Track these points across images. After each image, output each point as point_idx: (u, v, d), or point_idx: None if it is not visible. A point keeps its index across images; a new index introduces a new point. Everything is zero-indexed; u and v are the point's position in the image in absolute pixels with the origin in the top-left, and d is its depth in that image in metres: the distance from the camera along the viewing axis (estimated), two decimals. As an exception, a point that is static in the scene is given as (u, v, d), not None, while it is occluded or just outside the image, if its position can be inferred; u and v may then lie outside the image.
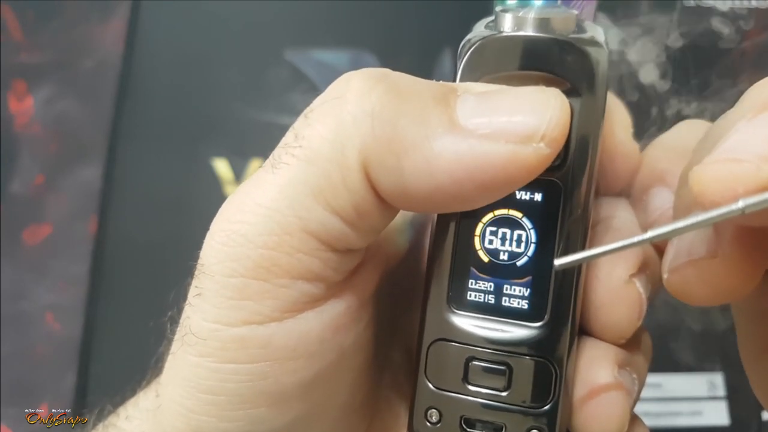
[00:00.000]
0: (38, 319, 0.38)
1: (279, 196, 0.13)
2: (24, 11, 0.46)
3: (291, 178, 0.13)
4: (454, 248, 0.14)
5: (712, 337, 0.36)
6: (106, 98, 0.42)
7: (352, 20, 0.44)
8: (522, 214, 0.13)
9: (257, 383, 0.13)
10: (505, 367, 0.13)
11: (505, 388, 0.13)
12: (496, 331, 0.13)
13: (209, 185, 0.40)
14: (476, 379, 0.13)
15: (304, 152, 0.13)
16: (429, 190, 0.12)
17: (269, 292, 0.13)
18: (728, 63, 0.43)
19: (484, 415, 0.13)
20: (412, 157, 0.12)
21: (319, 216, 0.13)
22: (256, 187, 0.13)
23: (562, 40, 0.13)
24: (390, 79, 0.13)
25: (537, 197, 0.13)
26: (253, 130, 0.41)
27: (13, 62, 0.45)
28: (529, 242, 0.13)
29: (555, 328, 0.13)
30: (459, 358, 0.13)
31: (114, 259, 0.38)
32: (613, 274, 0.14)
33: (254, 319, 0.13)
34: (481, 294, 0.14)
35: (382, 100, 0.12)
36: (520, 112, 0.12)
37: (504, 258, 0.14)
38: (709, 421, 0.34)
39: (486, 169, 0.12)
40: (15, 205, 0.41)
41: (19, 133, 0.42)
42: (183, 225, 0.39)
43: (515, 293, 0.13)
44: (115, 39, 0.45)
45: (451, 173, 0.12)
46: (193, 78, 0.42)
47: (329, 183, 0.13)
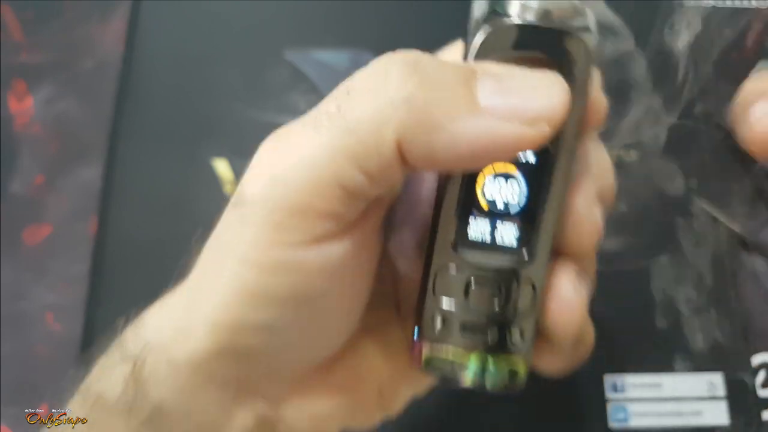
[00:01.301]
0: (38, 319, 0.38)
1: (320, 154, 0.16)
2: (24, 11, 0.46)
3: (332, 141, 0.16)
4: (459, 194, 0.17)
5: (711, 339, 0.36)
6: (106, 98, 0.42)
7: (351, 20, 0.44)
8: (517, 170, 0.17)
9: (288, 289, 0.17)
10: (499, 287, 0.17)
11: (497, 303, 0.17)
12: (492, 260, 0.17)
13: (209, 185, 0.40)
14: (476, 295, 0.17)
15: (347, 123, 0.16)
16: (451, 160, 0.15)
17: (302, 226, 0.16)
18: (728, 63, 0.44)
19: (482, 320, 0.17)
20: (440, 135, 0.15)
21: (351, 174, 0.16)
22: (300, 140, 0.17)
23: (560, 29, 0.15)
24: (422, 66, 0.16)
25: (531, 160, 0.17)
26: (253, 130, 0.41)
27: (13, 62, 0.45)
28: (522, 195, 0.17)
29: (537, 258, 0.17)
30: (461, 281, 0.17)
31: (114, 259, 0.38)
32: (581, 204, 0.17)
33: (289, 245, 0.16)
34: (480, 232, 0.17)
35: (416, 88, 0.15)
36: (530, 96, 0.15)
37: (500, 206, 0.17)
38: (709, 421, 0.34)
39: (499, 144, 0.15)
40: (15, 205, 0.41)
41: (19, 133, 0.43)
42: (183, 225, 0.39)
43: (509, 232, 0.17)
44: (115, 39, 0.45)
45: (471, 147, 0.15)
46: (193, 78, 0.43)
47: (365, 151, 0.16)
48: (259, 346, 0.18)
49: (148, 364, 0.18)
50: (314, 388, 0.20)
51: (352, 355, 0.20)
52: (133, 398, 0.18)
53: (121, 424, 0.18)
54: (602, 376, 0.35)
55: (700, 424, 0.34)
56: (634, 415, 0.34)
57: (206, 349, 0.17)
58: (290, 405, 0.19)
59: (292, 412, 0.19)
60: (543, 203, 0.17)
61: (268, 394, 0.19)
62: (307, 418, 0.20)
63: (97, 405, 0.18)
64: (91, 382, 0.19)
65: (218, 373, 0.18)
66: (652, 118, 0.41)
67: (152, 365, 0.18)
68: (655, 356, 0.35)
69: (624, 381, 0.35)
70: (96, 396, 0.19)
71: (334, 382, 0.20)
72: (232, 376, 0.18)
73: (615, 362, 0.35)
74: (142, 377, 0.18)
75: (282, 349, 0.18)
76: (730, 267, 0.38)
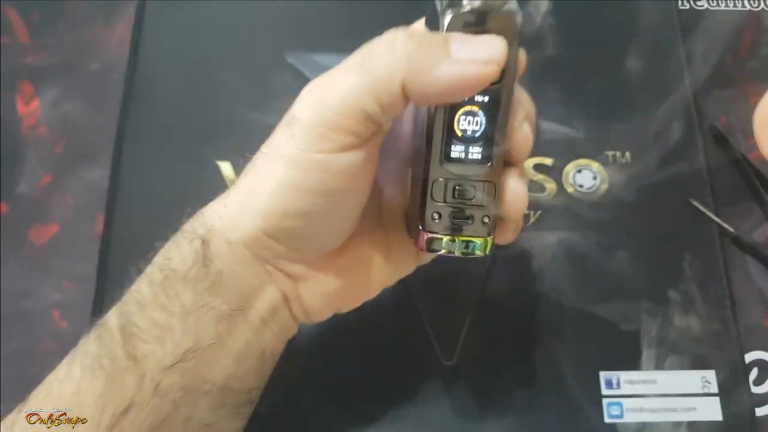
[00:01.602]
0: (45, 318, 0.38)
1: (351, 89, 0.23)
2: (30, 14, 0.47)
3: (359, 81, 0.23)
4: (443, 129, 0.24)
5: (705, 336, 0.36)
6: (111, 100, 0.43)
7: (352, 24, 0.45)
8: (479, 108, 0.24)
9: (320, 184, 0.23)
10: (472, 188, 0.25)
11: (473, 198, 0.25)
12: (467, 170, 0.25)
13: (214, 186, 0.40)
14: (458, 195, 0.25)
15: (368, 70, 0.23)
16: (437, 94, 0.22)
17: (334, 138, 0.23)
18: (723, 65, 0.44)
19: (463, 212, 0.25)
20: (429, 76, 0.22)
21: (372, 104, 0.22)
22: (337, 80, 0.23)
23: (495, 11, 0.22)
24: (416, 35, 0.23)
25: (486, 99, 0.24)
26: (256, 132, 0.41)
27: (20, 64, 0.45)
28: (482, 123, 0.24)
29: (496, 165, 0.25)
30: (449, 186, 0.25)
31: (120, 258, 0.38)
32: (517, 125, 0.25)
33: (325, 150, 0.23)
34: (458, 152, 0.24)
35: (413, 47, 0.22)
36: (483, 48, 0.22)
37: (470, 133, 0.24)
38: (702, 417, 0.35)
39: (467, 79, 0.22)
40: (22, 206, 0.41)
41: (25, 134, 0.43)
42: (187, 225, 0.39)
43: (476, 150, 0.24)
44: (120, 42, 0.45)
45: (450, 82, 0.22)
46: (197, 81, 0.43)
47: (381, 88, 0.22)
48: (296, 229, 0.24)
49: (212, 243, 0.24)
50: (325, 272, 0.27)
51: (352, 249, 0.27)
52: (199, 269, 0.24)
53: (189, 290, 0.24)
54: (598, 373, 0.36)
55: (693, 419, 0.35)
56: (629, 411, 0.35)
57: (254, 232, 0.24)
58: (306, 284, 0.27)
59: (306, 290, 0.27)
60: (495, 128, 0.24)
61: (292, 274, 0.26)
62: (317, 296, 0.27)
63: (170, 275, 0.24)
64: (162, 258, 0.25)
65: (261, 252, 0.25)
66: (650, 119, 0.42)
67: (215, 244, 0.24)
68: (650, 353, 0.35)
69: (619, 378, 0.36)
70: (169, 269, 0.24)
71: (339, 268, 0.27)
72: (270, 255, 0.25)
73: (610, 359, 0.36)
74: (207, 253, 0.24)
75: (310, 233, 0.25)
76: (724, 266, 0.38)
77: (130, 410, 0.23)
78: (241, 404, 0.26)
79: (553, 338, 0.36)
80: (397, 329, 0.35)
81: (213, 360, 0.24)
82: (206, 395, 0.24)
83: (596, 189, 0.40)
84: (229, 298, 0.25)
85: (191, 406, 0.24)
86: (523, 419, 0.35)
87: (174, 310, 0.24)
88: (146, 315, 0.24)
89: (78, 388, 0.23)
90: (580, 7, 0.45)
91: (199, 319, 0.24)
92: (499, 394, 0.35)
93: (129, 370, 0.23)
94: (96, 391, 0.23)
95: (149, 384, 0.23)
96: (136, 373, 0.23)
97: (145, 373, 0.23)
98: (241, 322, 0.25)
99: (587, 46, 0.44)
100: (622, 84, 0.43)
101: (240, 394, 0.26)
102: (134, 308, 0.24)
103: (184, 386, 0.24)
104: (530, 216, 0.40)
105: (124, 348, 0.24)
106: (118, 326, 0.24)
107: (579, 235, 0.39)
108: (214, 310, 0.24)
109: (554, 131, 0.42)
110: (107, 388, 0.23)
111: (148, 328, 0.24)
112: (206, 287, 0.24)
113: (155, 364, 0.23)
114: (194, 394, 0.24)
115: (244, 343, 0.25)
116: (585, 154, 0.41)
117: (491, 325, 0.37)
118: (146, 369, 0.23)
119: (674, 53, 0.44)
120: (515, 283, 0.38)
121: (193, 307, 0.24)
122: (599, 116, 0.42)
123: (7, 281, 0.39)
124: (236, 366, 0.25)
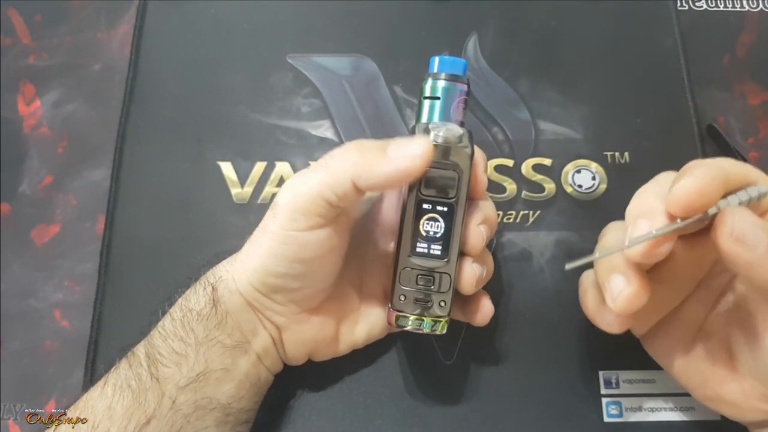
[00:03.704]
0: (47, 317, 0.38)
1: (316, 184, 0.29)
2: (32, 15, 0.47)
3: (322, 177, 0.29)
4: (411, 230, 0.30)
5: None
6: (113, 101, 0.43)
7: (352, 27, 0.45)
8: (439, 216, 0.30)
9: (294, 254, 0.29)
10: (433, 277, 0.30)
11: (433, 286, 0.30)
12: (428, 263, 0.30)
13: (215, 187, 0.40)
14: (420, 283, 0.30)
15: (328, 169, 0.29)
16: (381, 182, 0.28)
17: (304, 220, 0.29)
18: (720, 66, 0.44)
19: (424, 296, 0.30)
20: (372, 172, 0.28)
21: (330, 194, 0.28)
22: (308, 175, 0.29)
23: (453, 145, 0.29)
24: (363, 144, 0.29)
25: (445, 209, 0.30)
26: (257, 133, 0.42)
27: (22, 65, 0.45)
28: (441, 227, 0.30)
29: (451, 260, 0.30)
30: (414, 274, 0.30)
31: (121, 258, 0.39)
32: (474, 223, 0.30)
33: (297, 229, 0.29)
34: (422, 248, 0.30)
35: (361, 152, 0.29)
36: (413, 148, 0.28)
37: (431, 234, 0.30)
38: (701, 416, 0.35)
39: (399, 169, 0.28)
40: (24, 206, 0.41)
41: (27, 135, 0.43)
42: (188, 225, 0.39)
43: (435, 247, 0.30)
44: (122, 43, 0.45)
45: (387, 174, 0.28)
46: (199, 82, 0.43)
47: (338, 183, 0.28)
48: (277, 286, 0.30)
49: (219, 290, 0.31)
50: (302, 325, 0.32)
51: (327, 310, 0.33)
52: (210, 309, 0.31)
53: (201, 325, 0.30)
54: (597, 373, 0.36)
55: (692, 418, 0.35)
56: (628, 411, 0.35)
57: (247, 284, 0.31)
58: (288, 331, 0.32)
59: (288, 336, 0.32)
60: (451, 231, 0.30)
61: (277, 323, 0.32)
62: (294, 343, 0.33)
63: (187, 314, 0.30)
64: (184, 300, 0.31)
65: (252, 302, 0.31)
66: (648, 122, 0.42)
67: (221, 291, 0.31)
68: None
69: (618, 377, 0.36)
70: (187, 309, 0.31)
71: (313, 324, 0.33)
72: (259, 305, 0.31)
73: (609, 359, 0.36)
74: (216, 297, 0.31)
75: (289, 289, 0.31)
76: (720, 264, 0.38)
77: (150, 422, 0.28)
78: (241, 422, 0.32)
79: (552, 338, 0.37)
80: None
81: (219, 383, 0.30)
82: (212, 412, 0.30)
83: (595, 189, 0.40)
84: (232, 333, 0.31)
85: (200, 420, 0.29)
86: (522, 418, 0.35)
87: (189, 341, 0.30)
88: (167, 344, 0.30)
89: (109, 404, 0.28)
90: (579, 8, 0.45)
91: (209, 349, 0.30)
92: (499, 393, 0.36)
93: (151, 390, 0.29)
94: (124, 407, 0.28)
95: (167, 401, 0.29)
96: (157, 391, 0.29)
97: (164, 392, 0.29)
98: (242, 355, 0.31)
99: (587, 46, 0.44)
100: (621, 84, 0.43)
101: (240, 413, 0.31)
102: (158, 340, 0.30)
103: (196, 403, 0.29)
104: (530, 216, 0.40)
105: (149, 371, 0.29)
106: (144, 354, 0.30)
107: (578, 235, 0.39)
108: (221, 343, 0.30)
109: (553, 132, 0.42)
110: (133, 403, 0.28)
111: (169, 355, 0.30)
112: (215, 324, 0.30)
113: (173, 384, 0.29)
114: (203, 411, 0.29)
115: (245, 372, 0.31)
116: (584, 155, 0.41)
117: (491, 325, 0.37)
118: (166, 388, 0.29)
119: (673, 54, 0.44)
120: (515, 283, 0.38)
121: (205, 339, 0.30)
122: (598, 117, 0.42)
123: (9, 281, 0.39)
124: (237, 390, 0.31)
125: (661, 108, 0.42)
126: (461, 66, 0.31)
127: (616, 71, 0.43)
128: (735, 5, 0.46)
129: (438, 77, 0.30)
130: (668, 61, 0.43)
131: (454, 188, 0.29)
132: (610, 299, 0.28)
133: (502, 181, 0.41)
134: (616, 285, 0.27)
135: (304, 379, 0.36)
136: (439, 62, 0.31)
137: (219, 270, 0.32)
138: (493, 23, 0.45)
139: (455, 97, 0.30)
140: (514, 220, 0.40)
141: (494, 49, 0.44)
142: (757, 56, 0.44)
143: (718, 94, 0.43)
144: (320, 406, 0.35)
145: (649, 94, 0.42)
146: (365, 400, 0.35)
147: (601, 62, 0.44)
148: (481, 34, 0.45)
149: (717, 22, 0.45)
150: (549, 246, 0.39)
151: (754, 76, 0.44)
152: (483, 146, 0.41)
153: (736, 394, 0.29)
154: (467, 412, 0.35)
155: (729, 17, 0.46)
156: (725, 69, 0.44)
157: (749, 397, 0.29)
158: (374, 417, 0.35)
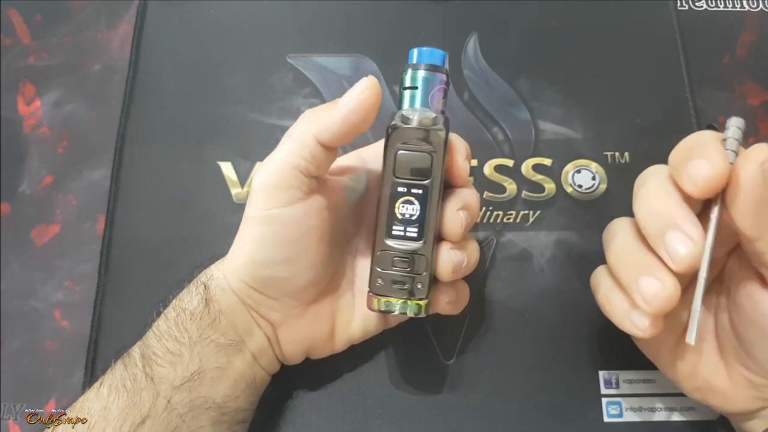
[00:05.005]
0: (47, 317, 0.39)
1: (283, 154, 0.29)
2: (32, 15, 0.47)
3: (287, 147, 0.29)
4: (387, 213, 0.30)
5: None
6: (113, 101, 0.43)
7: (352, 27, 0.45)
8: (414, 198, 0.30)
9: (276, 235, 0.30)
10: (408, 259, 0.30)
11: (409, 268, 0.30)
12: (405, 246, 0.30)
13: (215, 186, 0.40)
14: (397, 265, 0.30)
15: (290, 136, 0.30)
16: (341, 129, 0.29)
17: (279, 195, 0.29)
18: (721, 66, 0.44)
19: (402, 279, 0.30)
20: (330, 121, 0.29)
21: (298, 160, 0.29)
22: (275, 152, 0.30)
23: (427, 128, 0.29)
24: (318, 108, 0.30)
25: (420, 191, 0.30)
26: (257, 133, 0.42)
27: (22, 65, 0.45)
28: (417, 209, 0.30)
29: (427, 242, 0.30)
30: (390, 257, 0.30)
31: (121, 258, 0.39)
32: (452, 208, 0.30)
33: (274, 206, 0.29)
34: (398, 231, 0.30)
35: (315, 114, 0.30)
36: (356, 90, 0.28)
37: (407, 216, 0.30)
38: (701, 416, 0.35)
39: (353, 108, 0.28)
40: (24, 206, 0.41)
41: (27, 134, 0.43)
42: (188, 225, 0.40)
43: (411, 230, 0.30)
44: (122, 43, 0.45)
45: (344, 116, 0.28)
46: (199, 82, 0.43)
47: (302, 146, 0.29)
48: (267, 278, 0.31)
49: (211, 288, 0.31)
50: (297, 320, 0.32)
51: (321, 305, 0.33)
52: (203, 308, 0.30)
53: (195, 325, 0.30)
54: (597, 373, 0.36)
55: (692, 419, 0.35)
56: (628, 411, 0.35)
57: (237, 281, 0.31)
58: (282, 330, 0.32)
59: (284, 333, 0.32)
60: (426, 214, 0.30)
61: (272, 320, 0.32)
62: (290, 341, 0.33)
63: (181, 314, 0.30)
64: (178, 301, 0.31)
65: (245, 299, 0.31)
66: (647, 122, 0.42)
67: (213, 289, 0.31)
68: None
69: (618, 377, 0.36)
70: (181, 309, 0.31)
71: (307, 320, 0.33)
72: (252, 303, 0.31)
73: (609, 359, 0.36)
74: (208, 296, 0.31)
75: (280, 279, 0.31)
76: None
77: (145, 422, 0.28)
78: (237, 422, 0.31)
79: (552, 338, 0.37)
80: (397, 328, 0.35)
81: (214, 383, 0.30)
82: (208, 411, 0.30)
83: (595, 189, 0.40)
84: (225, 332, 0.31)
85: (196, 420, 0.29)
86: (522, 418, 0.35)
87: (183, 340, 0.30)
88: (162, 344, 0.30)
89: (105, 405, 0.28)
90: (579, 8, 0.45)
91: (204, 348, 0.30)
92: (499, 393, 0.36)
93: (146, 389, 0.29)
94: (119, 407, 0.28)
95: (162, 400, 0.29)
96: (152, 391, 0.29)
97: (159, 392, 0.29)
98: (237, 354, 0.31)
99: (586, 46, 0.44)
100: (621, 84, 0.43)
101: (236, 413, 0.31)
102: (153, 340, 0.30)
103: (191, 402, 0.29)
104: (530, 216, 0.40)
105: (144, 370, 0.29)
106: (139, 354, 0.30)
107: (578, 235, 0.39)
108: (215, 342, 0.30)
109: (553, 132, 0.42)
110: (128, 403, 0.28)
111: (163, 354, 0.29)
112: (208, 323, 0.30)
113: (168, 384, 0.29)
114: (198, 410, 0.29)
115: (240, 372, 0.31)
116: (584, 155, 0.41)
117: (491, 324, 0.37)
118: (160, 388, 0.29)
119: (673, 54, 0.44)
120: (515, 283, 0.38)
121: (198, 339, 0.30)
122: (598, 117, 0.42)
123: (9, 281, 0.39)
124: (232, 389, 0.31)
125: (661, 108, 0.42)
126: (440, 57, 0.31)
127: (616, 71, 0.43)
128: (735, 5, 0.46)
129: (417, 68, 0.30)
130: (668, 62, 0.43)
131: (428, 170, 0.29)
132: (642, 301, 0.27)
133: (502, 181, 0.41)
134: (649, 287, 0.27)
135: (304, 379, 0.36)
136: (417, 53, 0.31)
137: (211, 269, 0.32)
138: (493, 23, 0.45)
139: (433, 86, 0.30)
140: (514, 220, 0.40)
141: (494, 49, 0.44)
142: (757, 56, 0.44)
143: (718, 94, 0.43)
144: (320, 406, 0.35)
145: (649, 94, 0.42)
146: (365, 399, 0.35)
147: (600, 62, 0.44)
148: (481, 34, 0.45)
149: (717, 22, 0.45)
150: (549, 246, 0.39)
151: (754, 76, 0.44)
152: (483, 146, 0.42)
153: (724, 382, 0.30)
154: (467, 412, 0.35)
155: (729, 17, 0.46)
156: (725, 69, 0.44)
157: (737, 384, 0.29)
158: (374, 417, 0.35)
